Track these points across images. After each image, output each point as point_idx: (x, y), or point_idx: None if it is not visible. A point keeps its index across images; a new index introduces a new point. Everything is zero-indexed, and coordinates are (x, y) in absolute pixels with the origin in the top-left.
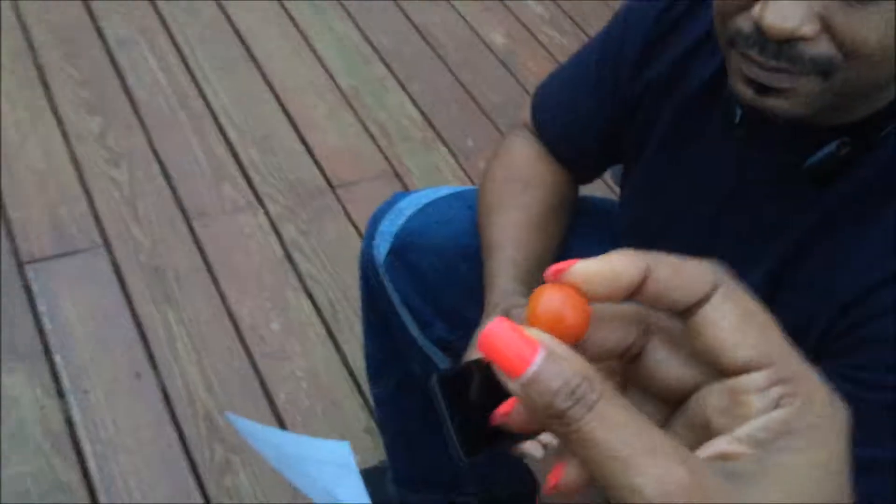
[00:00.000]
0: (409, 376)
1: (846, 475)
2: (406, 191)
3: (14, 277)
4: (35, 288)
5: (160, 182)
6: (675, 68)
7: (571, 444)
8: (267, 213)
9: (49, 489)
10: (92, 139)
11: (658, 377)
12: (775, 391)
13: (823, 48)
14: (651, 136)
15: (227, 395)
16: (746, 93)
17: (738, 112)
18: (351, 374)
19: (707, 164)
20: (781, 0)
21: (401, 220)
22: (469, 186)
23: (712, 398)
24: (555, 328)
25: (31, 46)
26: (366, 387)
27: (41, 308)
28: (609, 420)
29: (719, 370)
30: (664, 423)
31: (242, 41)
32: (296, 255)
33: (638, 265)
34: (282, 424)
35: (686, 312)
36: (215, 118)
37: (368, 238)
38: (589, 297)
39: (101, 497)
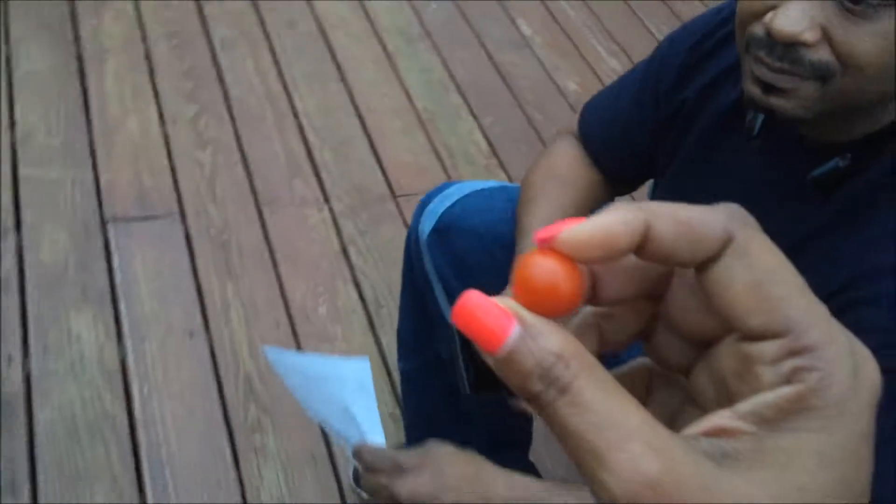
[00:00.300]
0: (436, 359)
1: (866, 464)
2: None
3: (96, 231)
4: (113, 243)
5: (239, 169)
6: (705, 92)
7: (548, 425)
8: (331, 210)
9: (95, 418)
10: (184, 123)
11: (678, 322)
12: (789, 364)
13: (823, 55)
14: (679, 152)
15: (268, 363)
16: (755, 92)
17: (757, 126)
18: (384, 363)
19: (726, 176)
20: (790, 10)
21: (447, 203)
22: (514, 184)
23: (728, 358)
24: (543, 299)
25: (143, 36)
26: (397, 377)
27: (115, 262)
28: (583, 404)
29: (735, 331)
30: (691, 364)
31: (334, 56)
32: (351, 251)
33: (635, 224)
34: None
35: (698, 269)
36: (298, 120)
37: (416, 216)
38: (582, 263)
39: (140, 433)
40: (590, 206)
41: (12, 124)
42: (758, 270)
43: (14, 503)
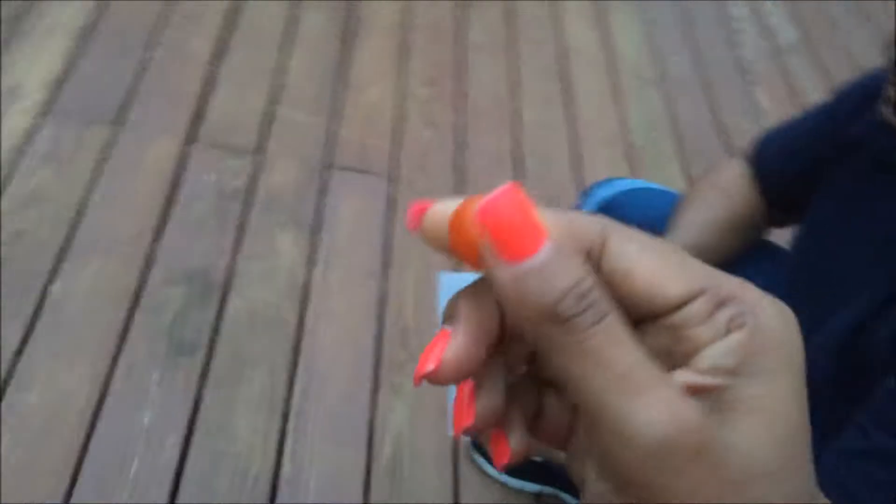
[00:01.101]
0: None
1: (806, 405)
2: None
3: (318, 173)
4: (330, 185)
5: (451, 151)
6: (870, 130)
7: (564, 358)
8: None
9: (272, 318)
10: (419, 102)
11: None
12: (722, 315)
13: None
14: (833, 181)
15: (425, 323)
16: (888, 113)
17: None
18: None
19: (870, 212)
20: None
21: (612, 192)
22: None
23: (657, 337)
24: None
25: (409, 23)
26: None
27: (327, 200)
28: (619, 336)
29: (653, 314)
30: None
31: (568, 79)
32: None
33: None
34: None
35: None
36: (516, 127)
37: (580, 199)
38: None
39: (304, 341)
40: (742, 220)
41: (281, 70)
42: (651, 250)
43: (189, 363)
